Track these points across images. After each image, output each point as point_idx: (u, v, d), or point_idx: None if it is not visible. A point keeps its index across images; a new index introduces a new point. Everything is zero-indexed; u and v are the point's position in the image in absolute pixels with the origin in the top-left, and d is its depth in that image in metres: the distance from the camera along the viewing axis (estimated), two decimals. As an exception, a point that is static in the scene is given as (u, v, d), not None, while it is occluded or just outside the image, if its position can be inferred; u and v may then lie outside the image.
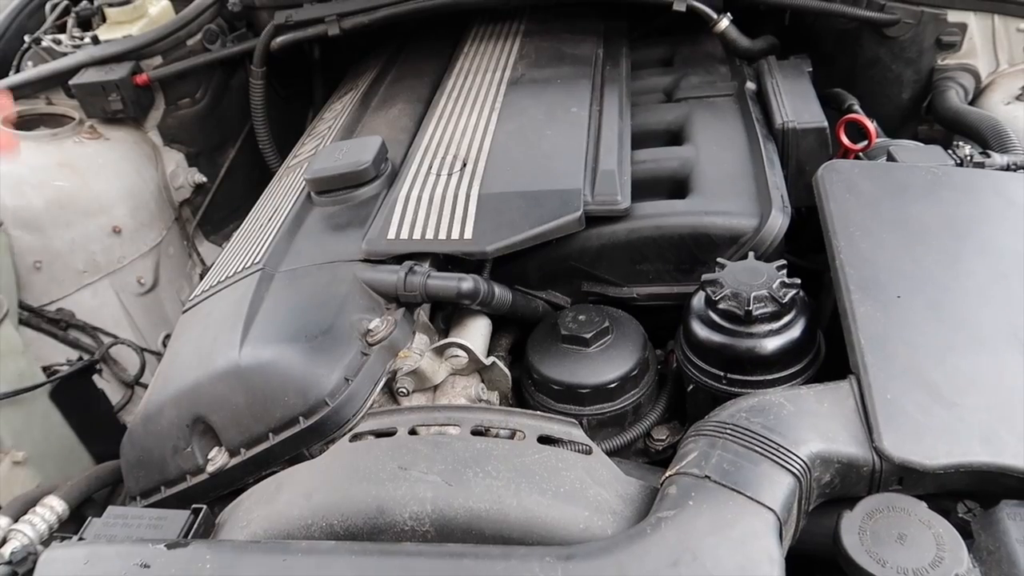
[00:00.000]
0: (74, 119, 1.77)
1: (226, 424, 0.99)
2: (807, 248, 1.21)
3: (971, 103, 1.50)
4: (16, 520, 1.04)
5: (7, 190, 1.55)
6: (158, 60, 1.81)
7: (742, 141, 1.29)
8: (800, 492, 0.74)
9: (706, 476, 0.73)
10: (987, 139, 1.28)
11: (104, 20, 1.97)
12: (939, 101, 1.48)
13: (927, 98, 1.55)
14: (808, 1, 1.56)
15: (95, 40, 1.84)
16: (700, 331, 0.98)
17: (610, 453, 1.00)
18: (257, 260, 1.17)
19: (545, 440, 0.84)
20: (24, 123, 1.75)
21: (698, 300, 1.00)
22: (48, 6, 1.98)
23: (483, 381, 1.06)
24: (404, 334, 1.04)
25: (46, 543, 1.03)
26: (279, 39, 1.77)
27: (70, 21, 1.93)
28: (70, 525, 1.09)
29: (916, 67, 1.55)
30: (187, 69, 1.82)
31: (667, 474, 0.77)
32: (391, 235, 1.13)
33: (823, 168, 1.11)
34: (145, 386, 1.69)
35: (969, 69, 1.51)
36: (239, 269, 1.19)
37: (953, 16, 1.48)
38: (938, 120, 1.50)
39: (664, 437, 1.09)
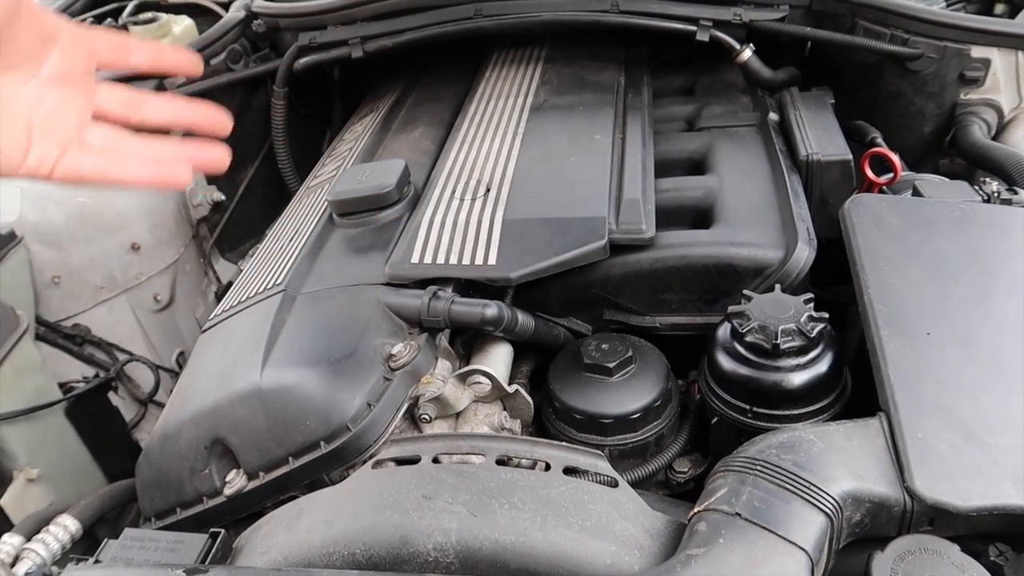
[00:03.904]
0: (97, 135, 1.77)
1: (245, 447, 0.99)
2: (828, 280, 1.20)
3: (993, 138, 1.49)
4: (29, 539, 1.03)
5: (29, 205, 1.56)
6: (181, 79, 1.82)
7: (766, 172, 1.29)
8: (831, 531, 0.73)
9: (736, 513, 0.72)
10: (1012, 175, 1.27)
11: (128, 38, 1.98)
12: (963, 136, 1.47)
13: (949, 132, 1.54)
14: (832, 34, 1.56)
15: (120, 58, 1.85)
16: (726, 363, 0.97)
17: (632, 484, 0.98)
18: (279, 281, 1.17)
19: (571, 471, 0.83)
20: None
21: (724, 332, 1.00)
22: (73, 23, 2.00)
23: (505, 409, 1.05)
24: (427, 359, 1.03)
25: (59, 563, 1.02)
26: (302, 60, 1.78)
27: (95, 39, 1.95)
28: (82, 545, 1.08)
29: (939, 101, 1.55)
30: (210, 88, 1.83)
31: (696, 510, 0.76)
32: (415, 259, 1.13)
33: (850, 202, 1.11)
34: (159, 404, 1.69)
35: (992, 104, 1.51)
36: (260, 289, 1.19)
37: (977, 52, 1.47)
38: (962, 155, 1.49)
39: (686, 469, 1.07)
